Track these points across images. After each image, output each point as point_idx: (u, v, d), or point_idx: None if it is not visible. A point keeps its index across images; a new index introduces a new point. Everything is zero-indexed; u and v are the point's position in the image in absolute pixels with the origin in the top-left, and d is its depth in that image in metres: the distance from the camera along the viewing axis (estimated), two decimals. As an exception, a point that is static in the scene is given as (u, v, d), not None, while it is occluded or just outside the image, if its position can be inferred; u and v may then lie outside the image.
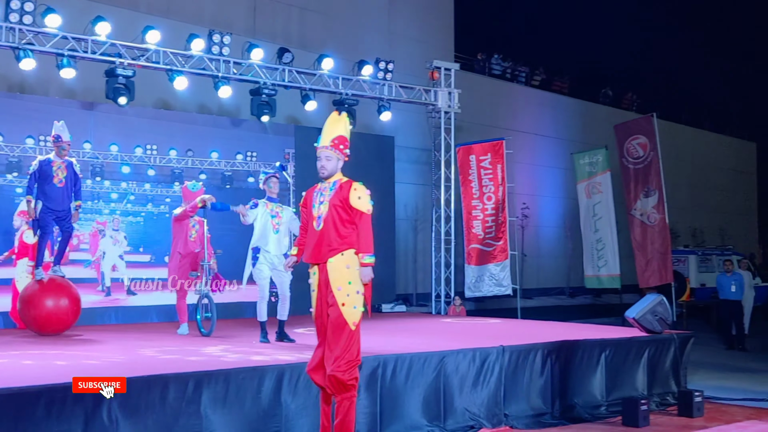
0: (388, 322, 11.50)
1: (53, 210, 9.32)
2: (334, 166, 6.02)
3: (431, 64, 14.66)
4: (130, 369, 6.42)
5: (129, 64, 11.12)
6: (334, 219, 5.84)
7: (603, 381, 8.83)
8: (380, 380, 7.16)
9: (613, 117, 22.51)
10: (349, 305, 5.76)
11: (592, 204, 17.52)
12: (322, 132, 6.11)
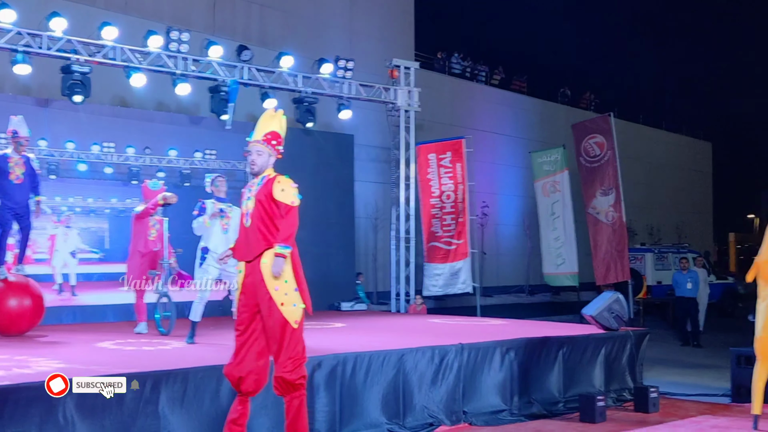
0: (347, 321, 11.49)
1: (11, 207, 9.05)
2: (265, 161, 5.82)
3: (391, 62, 14.68)
4: (87, 368, 6.34)
5: (85, 60, 10.95)
6: (260, 215, 5.67)
7: (561, 378, 8.91)
8: (339, 379, 7.15)
9: (571, 116, 22.78)
10: (288, 304, 5.60)
11: (551, 202, 17.69)
12: (256, 127, 5.94)
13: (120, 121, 12.77)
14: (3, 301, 8.87)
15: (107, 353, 7.73)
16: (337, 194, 14.45)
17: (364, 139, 16.38)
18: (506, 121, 23.86)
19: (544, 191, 17.90)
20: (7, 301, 8.89)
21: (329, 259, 14.14)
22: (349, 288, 14.64)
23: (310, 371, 6.93)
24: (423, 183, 15.11)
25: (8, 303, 8.89)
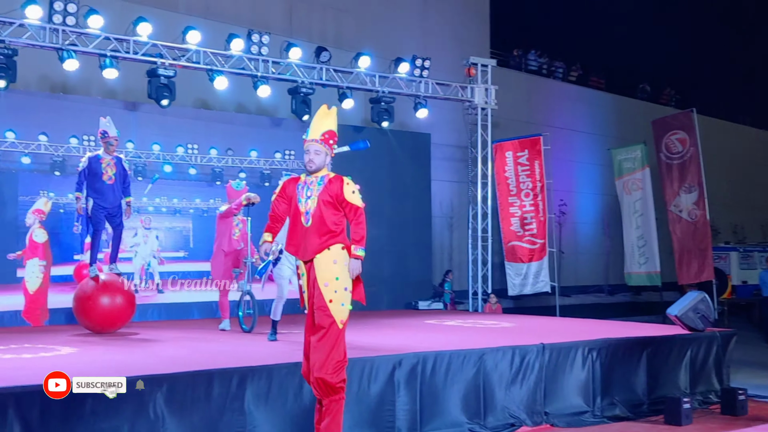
0: (425, 320, 11.51)
1: (104, 207, 9.23)
2: (323, 160, 5.79)
3: (467, 60, 14.63)
4: (175, 364, 6.52)
5: (170, 64, 11.25)
6: (323, 215, 5.64)
7: (645, 379, 8.75)
8: (420, 377, 7.17)
9: (651, 112, 22.26)
10: (336, 302, 5.57)
11: (633, 200, 17.38)
12: (311, 125, 5.89)
13: (202, 124, 13.03)
14: (96, 299, 9.11)
15: (192, 349, 7.92)
16: (413, 193, 14.48)
17: (439, 137, 16.33)
18: (584, 117, 23.48)
19: (626, 189, 17.59)
20: (99, 299, 9.12)
21: (406, 258, 14.18)
22: (425, 287, 14.63)
23: (391, 369, 7.00)
24: (501, 181, 15.02)
25: (101, 301, 9.12)
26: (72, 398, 5.35)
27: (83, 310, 9.21)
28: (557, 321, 12.10)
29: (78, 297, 9.29)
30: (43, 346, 7.93)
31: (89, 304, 9.13)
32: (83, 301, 9.20)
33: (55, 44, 10.56)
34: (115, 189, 9.28)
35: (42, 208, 11.28)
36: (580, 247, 22.85)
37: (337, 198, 5.67)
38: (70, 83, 11.98)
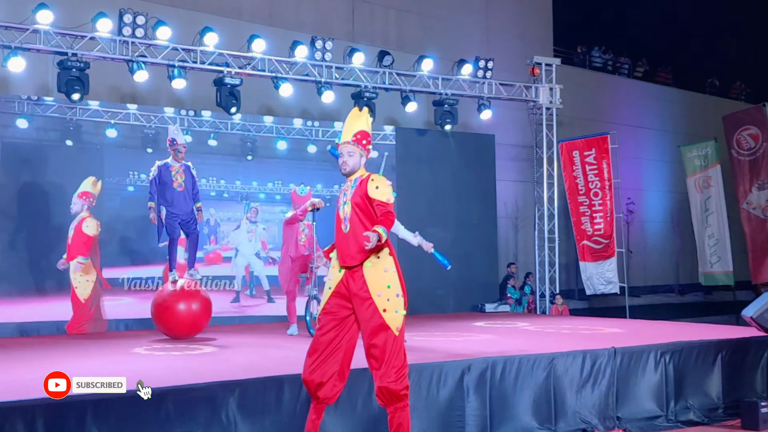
0: (493, 323, 11.45)
1: (177, 214, 9.42)
2: (357, 161, 5.65)
3: (531, 60, 14.50)
4: (246, 371, 6.62)
5: (236, 72, 11.44)
6: (359, 218, 5.49)
7: (720, 383, 8.54)
8: (489, 382, 7.13)
9: (721, 107, 21.73)
10: (390, 310, 5.39)
11: (704, 198, 17.00)
12: (344, 128, 5.81)
13: (266, 129, 13.17)
14: (173, 305, 9.25)
15: (262, 356, 8.02)
16: (478, 195, 14.40)
17: (503, 137, 16.21)
18: (651, 114, 23.02)
19: (697, 187, 17.21)
20: (177, 305, 9.24)
21: (472, 260, 14.11)
22: (492, 289, 14.55)
23: (460, 374, 6.98)
24: (569, 181, 14.87)
25: (178, 307, 9.24)
26: (147, 403, 5.47)
27: (160, 316, 9.36)
28: (628, 323, 11.90)
29: (155, 303, 9.43)
30: (118, 353, 8.13)
31: (166, 311, 9.29)
32: (160, 307, 9.35)
33: (125, 56, 10.84)
34: (186, 196, 9.45)
35: (90, 190, 10.56)
36: (648, 246, 22.41)
37: (364, 197, 5.51)
38: (140, 93, 12.25)
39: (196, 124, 12.29)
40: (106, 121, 11.71)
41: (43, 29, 10.36)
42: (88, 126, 11.65)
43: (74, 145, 11.59)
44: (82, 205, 10.36)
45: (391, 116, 14.36)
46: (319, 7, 15.31)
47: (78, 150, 11.61)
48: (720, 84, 26.08)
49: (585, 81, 20.80)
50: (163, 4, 12.87)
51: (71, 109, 11.39)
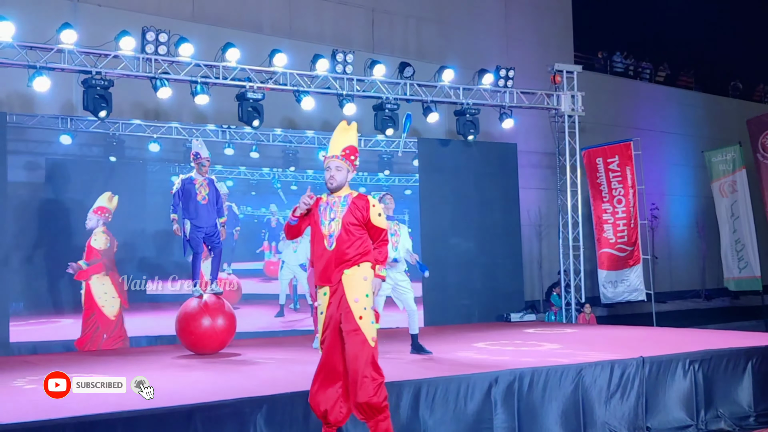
0: (519, 333, 11.40)
1: (200, 228, 9.43)
2: (344, 177, 5.61)
3: (552, 67, 14.46)
4: (273, 386, 6.63)
5: (258, 87, 11.51)
6: (349, 238, 5.48)
7: (750, 391, 8.43)
8: (517, 394, 7.10)
9: (745, 110, 21.56)
10: (366, 319, 5.39)
11: (729, 203, 16.85)
12: (331, 141, 5.73)
13: (308, 140, 13.18)
14: (197, 320, 9.20)
15: (288, 371, 8.03)
16: (502, 204, 14.36)
17: (525, 145, 16.18)
18: (674, 118, 22.88)
19: (722, 192, 17.07)
20: (201, 320, 9.19)
21: (496, 269, 14.07)
22: (517, 298, 14.48)
23: (487, 386, 6.95)
24: (593, 188, 14.80)
25: (202, 322, 9.19)
26: (176, 420, 5.51)
27: (184, 332, 9.31)
28: (655, 331, 11.80)
29: (180, 318, 9.36)
30: (148, 368, 8.18)
31: (190, 326, 9.24)
32: (184, 322, 9.30)
33: (148, 73, 10.93)
34: (210, 209, 9.47)
35: (106, 206, 10.57)
36: (673, 251, 22.25)
37: (363, 221, 5.54)
38: (163, 109, 12.36)
39: (237, 136, 12.36)
40: (149, 136, 11.80)
41: (68, 49, 10.48)
42: (131, 141, 11.78)
43: (117, 161, 11.70)
44: (98, 221, 10.41)
45: (413, 127, 14.36)
46: (338, 18, 15.38)
47: (121, 165, 11.73)
48: (743, 87, 25.86)
49: (606, 87, 20.71)
50: (185, 20, 13.01)
51: (114, 125, 11.53)
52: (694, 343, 8.95)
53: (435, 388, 6.67)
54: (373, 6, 15.90)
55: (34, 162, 11.20)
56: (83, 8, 12.34)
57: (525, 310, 14.28)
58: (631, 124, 20.62)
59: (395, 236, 8.67)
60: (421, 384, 6.66)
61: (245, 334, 10.78)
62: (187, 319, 9.27)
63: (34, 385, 6.91)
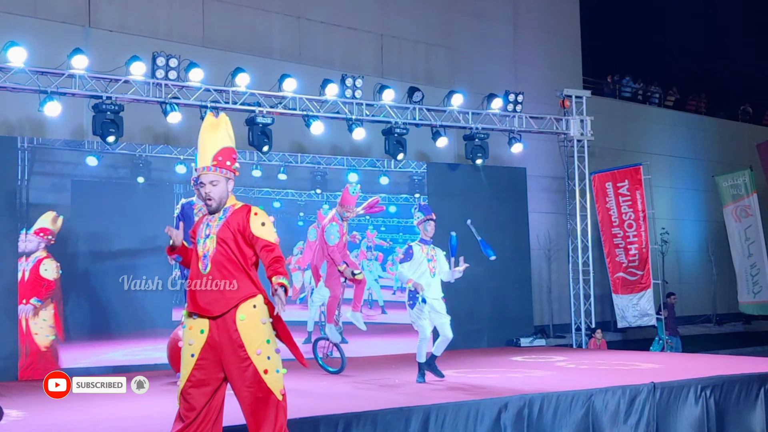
0: (529, 358, 11.33)
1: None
2: (223, 190, 4.71)
3: (561, 92, 14.48)
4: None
5: (268, 112, 11.57)
6: (228, 256, 4.58)
7: (764, 417, 8.35)
8: (527, 420, 7.05)
9: (755, 134, 21.53)
10: (272, 370, 4.54)
11: (743, 228, 16.82)
12: (199, 146, 4.83)
13: (337, 161, 13.20)
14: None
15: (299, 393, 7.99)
16: (511, 228, 14.31)
17: (534, 168, 16.17)
18: (684, 143, 22.84)
19: (735, 216, 17.03)
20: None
21: (505, 293, 14.01)
22: (527, 323, 14.41)
23: (497, 412, 6.90)
24: (602, 213, 14.79)
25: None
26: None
27: (176, 357, 9.04)
28: (666, 356, 11.71)
29: (171, 345, 8.98)
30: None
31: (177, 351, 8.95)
32: (174, 347, 8.85)
33: (158, 98, 10.99)
34: None
35: (49, 227, 9.96)
36: (684, 276, 22.11)
37: (242, 233, 4.59)
38: (172, 134, 12.40)
39: (265, 158, 12.41)
40: (175, 157, 11.83)
41: (78, 74, 10.55)
42: (158, 162, 11.83)
43: (145, 182, 11.74)
44: (38, 243, 9.70)
45: (421, 151, 14.39)
46: (348, 44, 15.47)
47: (149, 186, 11.78)
48: (753, 111, 25.83)
49: (615, 111, 20.73)
50: (195, 45, 13.08)
51: (140, 146, 11.63)
52: (705, 369, 8.88)
53: (444, 413, 6.63)
54: (382, 31, 15.99)
55: (59, 183, 11.20)
56: (94, 34, 12.42)
57: (535, 335, 14.20)
58: (641, 148, 20.59)
59: (432, 261, 8.47)
60: (431, 410, 6.63)
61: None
62: (176, 345, 8.78)
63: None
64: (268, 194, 12.66)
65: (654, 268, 14.69)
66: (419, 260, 8.38)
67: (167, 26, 13.33)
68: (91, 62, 10.68)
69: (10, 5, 11.65)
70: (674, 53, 26.42)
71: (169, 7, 13.44)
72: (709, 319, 22.46)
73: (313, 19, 15.04)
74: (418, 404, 6.73)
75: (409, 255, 8.41)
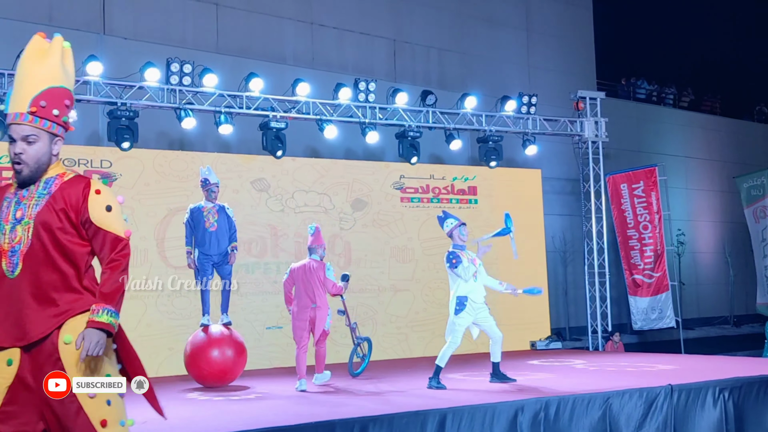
0: (545, 361, 11.28)
1: (208, 255, 9.14)
2: (44, 152, 3.24)
3: (575, 94, 14.45)
4: (297, 415, 6.60)
5: (281, 116, 11.60)
6: (49, 253, 3.12)
7: (782, 419, 8.29)
8: (543, 423, 7.01)
9: (770, 134, 21.41)
10: (113, 422, 3.20)
11: (761, 229, 16.70)
12: (15, 83, 3.33)
13: (316, 171, 13.22)
14: (206, 351, 8.89)
15: (309, 401, 8.00)
16: (526, 230, 14.20)
17: (548, 170, 16.13)
18: (699, 144, 22.74)
19: (755, 217, 16.92)
20: (209, 351, 8.88)
21: (521, 297, 13.90)
22: (543, 326, 14.35)
23: (513, 415, 6.86)
24: (617, 214, 14.72)
25: (211, 353, 8.87)
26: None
27: (193, 364, 8.97)
28: (684, 359, 11.64)
29: (188, 351, 9.04)
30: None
31: (199, 358, 8.91)
32: (192, 354, 8.97)
33: (173, 104, 11.05)
34: (219, 236, 9.15)
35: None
36: (701, 277, 22.00)
37: (74, 217, 3.15)
38: (187, 139, 12.46)
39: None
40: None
41: (94, 80, 10.63)
42: None
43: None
44: None
45: (435, 154, 14.39)
46: (361, 48, 15.49)
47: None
48: (768, 111, 25.68)
49: (630, 113, 20.66)
50: (209, 51, 13.16)
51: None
52: (723, 371, 8.80)
53: (460, 416, 6.60)
54: (394, 36, 16.01)
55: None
56: (109, 41, 12.52)
57: (551, 338, 14.14)
58: (656, 149, 20.51)
59: (474, 265, 8.36)
60: (447, 413, 6.60)
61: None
62: (194, 352, 8.94)
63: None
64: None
65: (670, 270, 14.60)
66: (465, 265, 8.33)
67: (181, 32, 13.42)
68: (105, 69, 10.76)
69: (26, 14, 11.76)
70: (688, 54, 26.31)
71: (183, 14, 13.52)
72: (726, 320, 22.32)
73: (326, 25, 15.08)
74: (434, 407, 6.71)
75: (459, 260, 8.29)
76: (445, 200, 13.47)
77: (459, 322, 8.29)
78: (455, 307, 8.30)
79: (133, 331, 10.52)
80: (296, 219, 12.24)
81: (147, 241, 11.11)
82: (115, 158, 11.00)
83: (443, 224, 8.63)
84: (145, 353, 10.73)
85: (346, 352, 9.91)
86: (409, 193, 13.26)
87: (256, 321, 11.75)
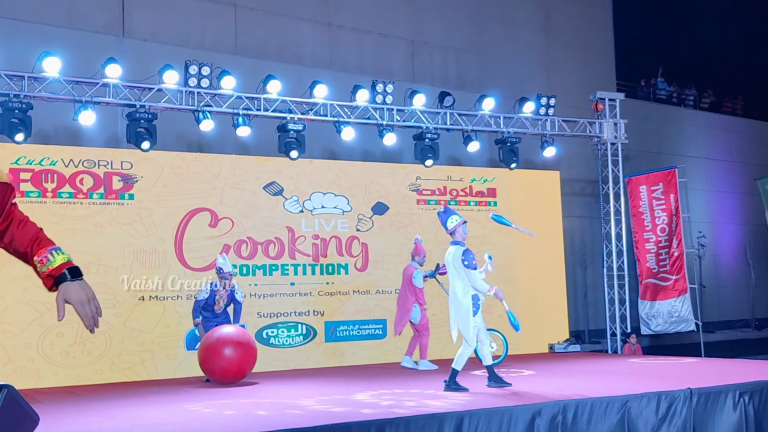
0: (563, 364, 11.22)
1: (212, 321, 10.10)
2: None
3: (594, 95, 14.36)
4: (314, 416, 6.60)
5: (299, 118, 11.62)
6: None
7: (804, 424, 8.19)
8: (561, 426, 6.96)
9: (793, 136, 21.18)
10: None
11: (783, 231, 16.55)
12: None
13: (332, 173, 13.23)
14: (217, 349, 9.29)
15: (335, 403, 8.00)
16: (544, 233, 14.17)
17: (567, 172, 16.05)
18: (720, 145, 22.55)
19: (778, 219, 16.76)
20: (223, 350, 9.28)
21: (539, 299, 13.90)
22: (562, 328, 14.28)
23: (530, 418, 6.82)
24: (636, 217, 14.61)
25: (224, 351, 9.27)
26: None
27: (206, 360, 9.37)
28: (703, 362, 11.53)
29: (201, 347, 9.50)
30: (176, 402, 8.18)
31: (212, 355, 9.30)
32: (206, 352, 9.37)
33: (191, 106, 11.11)
34: (222, 317, 10.16)
35: None
36: (722, 280, 21.81)
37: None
38: (205, 141, 12.51)
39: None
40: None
41: (112, 83, 10.70)
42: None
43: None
44: None
45: (453, 156, 14.37)
46: (378, 50, 15.50)
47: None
48: (791, 112, 25.40)
49: (650, 114, 20.52)
50: (227, 53, 13.20)
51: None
52: (744, 374, 8.71)
53: (477, 420, 6.56)
54: (412, 38, 16.00)
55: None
56: (128, 43, 12.60)
57: (569, 341, 14.07)
58: (676, 151, 20.36)
59: (483, 262, 8.33)
60: (464, 416, 6.57)
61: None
62: (208, 349, 9.36)
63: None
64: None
65: (690, 273, 14.48)
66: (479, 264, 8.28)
67: (200, 35, 13.48)
68: (124, 71, 10.83)
69: (46, 16, 11.85)
70: (709, 55, 26.10)
71: (202, 17, 13.58)
72: (747, 323, 22.10)
73: (344, 26, 15.10)
74: (451, 410, 6.68)
75: (474, 258, 8.16)
76: (463, 202, 13.43)
77: (476, 323, 8.23)
78: (472, 308, 8.21)
79: (151, 333, 10.84)
80: (313, 221, 12.26)
81: (165, 243, 11.18)
82: (134, 160, 11.08)
83: (446, 220, 8.46)
84: (163, 355, 10.93)
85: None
86: (425, 195, 13.24)
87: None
